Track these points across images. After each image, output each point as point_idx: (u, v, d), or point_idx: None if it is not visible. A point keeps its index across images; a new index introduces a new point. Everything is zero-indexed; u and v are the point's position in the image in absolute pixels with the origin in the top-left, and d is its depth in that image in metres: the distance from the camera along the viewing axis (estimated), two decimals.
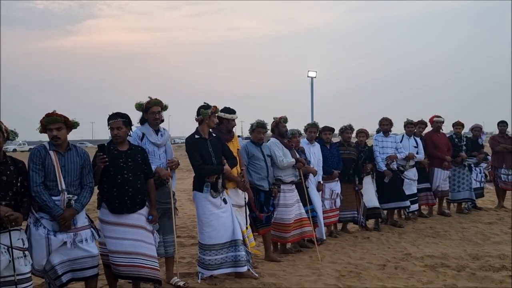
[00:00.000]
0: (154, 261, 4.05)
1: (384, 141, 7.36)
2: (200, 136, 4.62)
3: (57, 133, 3.61)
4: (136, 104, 4.40)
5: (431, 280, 4.54)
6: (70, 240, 3.59)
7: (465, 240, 6.37)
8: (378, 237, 6.60)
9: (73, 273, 3.65)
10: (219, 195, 4.61)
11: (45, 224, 3.54)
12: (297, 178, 5.79)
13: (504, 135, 8.81)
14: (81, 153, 3.78)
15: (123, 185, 3.90)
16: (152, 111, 4.34)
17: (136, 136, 4.33)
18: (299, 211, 5.78)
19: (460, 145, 8.28)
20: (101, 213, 3.99)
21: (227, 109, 4.93)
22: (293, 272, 4.97)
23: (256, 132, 5.40)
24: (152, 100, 4.35)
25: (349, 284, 4.48)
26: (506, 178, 8.61)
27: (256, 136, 5.42)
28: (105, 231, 3.91)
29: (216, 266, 4.56)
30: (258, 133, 5.40)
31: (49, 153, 3.61)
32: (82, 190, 3.73)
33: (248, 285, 4.51)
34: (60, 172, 3.59)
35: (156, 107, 4.35)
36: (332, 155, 6.64)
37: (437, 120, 8.16)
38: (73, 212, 3.60)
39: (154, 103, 4.35)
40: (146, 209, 4.08)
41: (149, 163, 4.15)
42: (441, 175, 8.03)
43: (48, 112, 3.65)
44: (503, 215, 8.08)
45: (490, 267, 4.95)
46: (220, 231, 4.57)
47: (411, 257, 5.43)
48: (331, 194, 6.57)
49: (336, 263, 5.30)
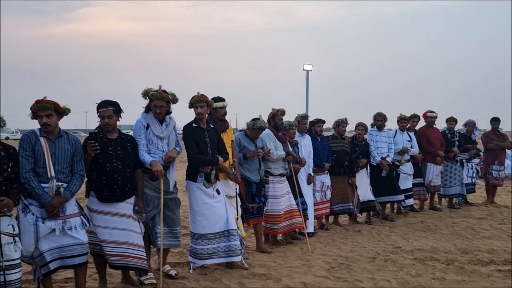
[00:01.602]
0: (142, 251, 4.04)
1: (378, 136, 7.38)
2: (198, 125, 4.60)
3: (47, 120, 3.57)
4: (142, 91, 4.23)
5: (420, 273, 4.58)
6: (59, 228, 3.57)
7: (455, 234, 6.42)
8: (369, 231, 6.64)
9: (61, 260, 3.63)
10: (212, 185, 4.60)
11: (33, 211, 3.52)
12: (287, 171, 5.80)
13: (497, 132, 8.87)
14: (72, 140, 3.74)
15: (112, 174, 3.87)
16: (154, 105, 4.22)
17: (141, 125, 4.22)
18: (289, 203, 5.79)
19: (453, 141, 8.32)
20: (89, 201, 3.96)
21: (215, 97, 4.90)
22: (283, 263, 4.99)
23: (255, 132, 5.38)
24: (156, 93, 4.18)
25: (339, 276, 4.51)
26: (498, 174, 8.69)
27: (253, 135, 5.41)
28: (93, 220, 3.88)
29: (207, 256, 4.56)
30: (256, 133, 5.40)
31: (39, 139, 3.58)
32: (73, 178, 3.70)
33: (238, 275, 4.52)
34: (50, 159, 3.56)
35: (159, 101, 4.18)
36: (323, 147, 6.65)
37: (430, 115, 8.19)
38: (61, 200, 3.57)
39: (157, 97, 4.18)
40: (135, 198, 4.05)
41: (138, 152, 4.10)
42: (433, 170, 8.08)
43: (38, 99, 3.60)
44: (493, 211, 8.15)
45: (478, 261, 5.00)
46: (213, 220, 4.56)
47: (401, 250, 5.47)
48: (322, 187, 6.60)
49: (327, 255, 5.33)
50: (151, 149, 4.25)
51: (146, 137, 4.23)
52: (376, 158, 7.22)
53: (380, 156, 7.23)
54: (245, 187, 5.33)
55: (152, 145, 4.25)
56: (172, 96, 4.30)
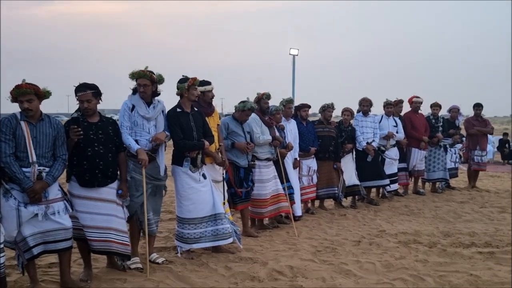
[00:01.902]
0: (125, 236, 4.01)
1: (364, 121, 7.42)
2: (182, 110, 4.53)
3: (28, 105, 3.47)
4: (129, 74, 4.19)
5: (404, 256, 4.65)
6: (42, 212, 3.51)
7: (437, 218, 6.54)
8: (354, 215, 6.71)
9: (45, 245, 3.58)
10: (198, 170, 4.56)
11: (15, 195, 3.44)
12: (273, 155, 5.79)
13: (479, 118, 9.00)
14: (54, 124, 3.65)
15: (93, 158, 3.80)
16: (138, 83, 4.18)
17: (126, 107, 4.18)
18: (276, 187, 5.79)
19: (437, 126, 8.42)
20: (70, 186, 3.88)
21: (201, 81, 4.83)
22: (270, 247, 5.01)
23: (245, 114, 5.33)
24: (137, 71, 4.15)
25: (325, 259, 4.55)
26: (480, 159, 8.84)
27: (243, 117, 5.36)
28: (75, 205, 3.81)
29: (194, 240, 4.55)
30: (246, 115, 5.35)
31: (20, 123, 3.48)
32: (55, 162, 3.62)
33: (225, 259, 4.53)
34: (31, 143, 3.48)
35: (142, 79, 4.14)
36: (308, 132, 6.66)
37: (416, 101, 8.25)
38: (43, 185, 3.50)
39: (139, 75, 4.15)
40: (117, 183, 4.00)
41: (120, 135, 4.04)
42: (417, 155, 8.18)
43: (17, 84, 3.50)
44: (475, 195, 8.32)
45: (460, 243, 5.10)
46: (199, 205, 4.54)
47: (385, 234, 5.55)
48: (308, 171, 6.62)
49: (313, 239, 5.38)
50: (137, 131, 4.19)
51: (130, 119, 4.16)
52: (362, 143, 7.26)
53: (366, 141, 7.28)
54: (233, 172, 5.32)
55: (137, 127, 4.17)
56: (158, 77, 4.24)
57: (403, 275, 4.09)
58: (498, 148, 14.42)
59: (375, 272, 4.20)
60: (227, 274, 4.11)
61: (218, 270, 4.20)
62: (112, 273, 4.09)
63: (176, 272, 4.11)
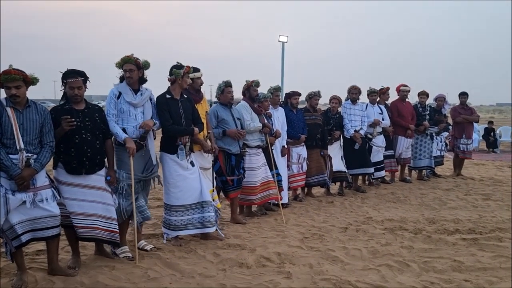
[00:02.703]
0: (113, 223, 4.00)
1: (352, 109, 7.45)
2: (172, 96, 4.51)
3: (16, 92, 3.42)
4: (116, 63, 4.20)
5: (390, 242, 4.74)
6: (30, 200, 3.48)
7: (423, 205, 6.65)
8: (342, 202, 6.79)
9: (33, 232, 3.56)
10: (186, 157, 4.56)
11: (2, 183, 3.41)
12: (263, 143, 5.81)
13: (465, 106, 9.11)
14: (41, 111, 3.60)
15: (81, 146, 3.77)
16: (124, 69, 4.18)
17: (112, 94, 4.18)
18: (266, 174, 5.82)
19: (424, 114, 8.49)
20: (57, 173, 3.85)
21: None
22: (258, 234, 5.06)
23: (226, 92, 5.32)
24: (123, 57, 4.16)
25: (312, 245, 4.61)
26: (465, 147, 8.97)
27: (226, 96, 5.34)
28: (62, 192, 3.78)
29: (181, 227, 4.57)
30: (228, 93, 5.33)
31: (6, 109, 3.43)
32: (42, 149, 3.58)
33: (213, 246, 4.56)
34: (18, 130, 3.43)
35: (128, 64, 4.16)
36: (298, 120, 6.68)
37: (403, 89, 8.31)
38: (31, 172, 3.47)
39: (124, 61, 4.17)
40: (105, 170, 3.98)
41: (107, 122, 4.02)
42: (404, 143, 8.26)
43: (5, 69, 3.44)
44: (460, 182, 8.46)
45: (445, 230, 5.20)
46: (187, 192, 4.55)
47: (372, 221, 5.63)
48: (298, 159, 6.66)
49: (300, 226, 5.43)
50: (123, 118, 4.17)
51: (116, 107, 4.15)
52: (350, 131, 7.31)
53: (354, 129, 7.33)
54: (225, 160, 5.32)
55: (124, 114, 4.16)
56: (144, 63, 4.24)
57: (388, 261, 4.17)
58: (483, 136, 14.63)
59: (361, 258, 4.28)
60: (216, 260, 4.14)
61: (207, 257, 4.23)
62: (100, 260, 4.10)
63: (164, 259, 4.13)
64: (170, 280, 3.69)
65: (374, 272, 3.92)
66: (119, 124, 4.16)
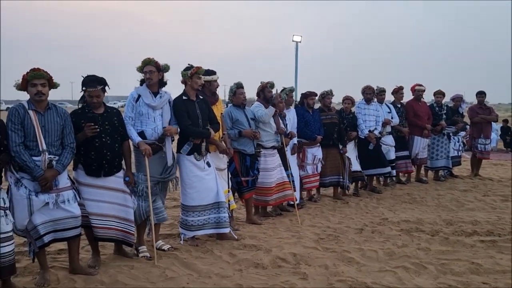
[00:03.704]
0: (130, 225, 4.08)
1: (366, 109, 7.42)
2: (188, 98, 4.58)
3: (42, 89, 3.52)
4: (137, 67, 4.34)
5: (406, 244, 4.71)
6: (52, 201, 3.57)
7: (440, 206, 6.59)
8: (357, 203, 6.77)
9: (55, 233, 3.65)
10: (203, 158, 4.62)
11: (26, 184, 3.50)
12: (279, 143, 5.83)
13: (483, 106, 8.98)
14: (61, 113, 3.70)
15: (101, 149, 3.86)
16: (144, 71, 4.29)
17: (131, 98, 4.30)
18: (281, 175, 5.85)
19: (440, 114, 8.41)
20: (76, 174, 3.95)
21: (206, 71, 4.87)
22: (273, 234, 5.08)
23: (238, 93, 5.37)
24: (144, 59, 4.29)
25: (327, 246, 4.62)
26: (483, 147, 8.85)
27: (238, 98, 5.39)
28: (82, 193, 3.87)
29: (198, 227, 4.63)
30: (240, 94, 5.38)
31: (28, 112, 3.53)
32: (63, 151, 3.67)
33: (229, 246, 4.61)
34: (40, 132, 3.53)
35: (148, 66, 4.28)
36: (314, 120, 6.68)
37: (418, 89, 8.24)
38: (54, 173, 3.56)
39: (145, 63, 4.30)
40: (123, 172, 4.07)
41: (124, 125, 4.11)
42: (420, 143, 8.19)
43: (34, 67, 3.55)
44: (478, 183, 8.35)
45: (462, 232, 5.15)
46: (203, 192, 4.60)
47: (387, 222, 5.61)
48: (313, 159, 6.66)
49: (316, 226, 5.44)
50: (142, 121, 4.26)
51: (134, 110, 4.25)
52: (364, 131, 7.27)
53: (368, 129, 7.29)
54: (240, 161, 5.37)
55: (143, 117, 4.25)
56: (164, 66, 4.36)
57: (405, 263, 4.16)
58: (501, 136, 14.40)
59: (378, 260, 4.27)
60: (232, 261, 4.19)
61: (223, 257, 4.28)
62: (120, 260, 4.19)
63: (181, 259, 4.20)
64: (188, 280, 3.75)
65: (390, 274, 3.91)
66: (138, 127, 4.24)
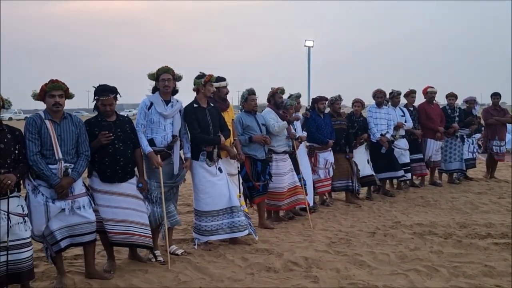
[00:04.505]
0: (147, 229, 4.18)
1: (378, 113, 7.41)
2: (199, 105, 4.67)
3: (59, 100, 3.67)
4: (149, 74, 4.44)
5: (418, 247, 4.70)
6: (68, 207, 3.69)
7: (454, 209, 6.54)
8: (370, 206, 6.76)
9: (71, 238, 3.76)
10: (214, 164, 4.70)
11: (43, 192, 3.62)
12: (290, 148, 5.88)
13: (497, 107, 8.88)
14: (76, 122, 3.83)
15: (114, 155, 3.97)
16: (162, 78, 4.38)
17: (143, 105, 4.39)
18: (293, 180, 5.89)
19: (453, 116, 8.35)
20: (91, 181, 4.06)
21: (216, 77, 4.95)
22: (285, 238, 5.12)
23: (250, 100, 5.45)
24: (162, 67, 4.40)
25: (339, 250, 4.64)
26: (498, 149, 8.74)
27: (250, 104, 5.46)
28: (97, 199, 3.98)
29: (211, 232, 4.70)
30: (251, 101, 5.45)
31: (44, 122, 3.66)
32: (79, 159, 3.79)
33: (241, 250, 4.66)
34: (56, 141, 3.65)
35: (166, 74, 4.39)
36: (326, 125, 6.71)
37: (430, 91, 8.20)
38: (70, 180, 3.68)
39: (163, 70, 4.40)
40: (136, 178, 4.17)
41: (136, 132, 4.22)
42: (433, 146, 8.14)
43: (52, 79, 3.71)
44: (493, 185, 8.24)
45: (476, 235, 5.12)
46: (216, 198, 4.68)
47: (400, 225, 5.60)
48: (325, 164, 6.68)
49: (328, 230, 5.46)
50: (153, 129, 4.35)
51: (145, 117, 4.35)
52: (376, 134, 7.27)
53: (380, 133, 7.28)
54: (251, 166, 5.43)
55: (154, 124, 4.35)
56: (177, 75, 4.49)
57: (417, 266, 4.15)
58: None
59: (389, 263, 4.28)
60: (244, 265, 4.24)
61: (235, 261, 4.34)
62: (134, 265, 4.28)
63: (194, 263, 4.27)
64: (200, 284, 3.81)
65: (402, 277, 3.92)
66: (148, 134, 4.35)
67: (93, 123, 4.04)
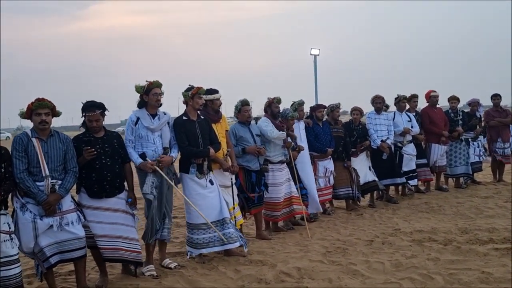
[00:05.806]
0: (135, 243, 4.18)
1: (377, 119, 7.33)
2: (188, 118, 4.69)
3: (45, 118, 3.73)
4: (137, 86, 4.43)
5: (415, 254, 4.61)
6: (57, 224, 3.73)
7: (458, 214, 6.40)
8: (372, 214, 6.67)
9: (61, 254, 3.79)
10: (205, 176, 4.69)
11: (31, 209, 3.67)
12: (286, 157, 5.85)
13: (499, 108, 8.69)
14: (63, 139, 3.89)
15: (101, 170, 4.00)
16: (154, 92, 4.41)
17: (130, 121, 4.43)
18: (289, 190, 5.85)
19: (456, 120, 8.21)
20: (80, 197, 4.10)
21: (208, 90, 4.96)
22: (281, 249, 5.07)
23: (243, 111, 5.44)
24: (155, 81, 4.44)
25: (334, 259, 4.57)
26: (502, 151, 8.54)
27: (243, 115, 5.46)
28: (86, 215, 4.01)
29: (204, 245, 4.68)
30: (245, 111, 5.45)
31: (31, 140, 3.73)
32: (66, 175, 3.84)
33: (235, 262, 4.63)
34: (43, 158, 3.71)
35: (157, 89, 4.43)
36: (324, 133, 6.68)
37: (433, 95, 8.09)
38: (57, 197, 3.72)
39: (157, 85, 4.44)
40: (125, 193, 4.19)
41: (125, 147, 4.25)
42: (438, 151, 8.01)
43: (39, 97, 3.78)
44: (501, 189, 8.05)
45: (477, 240, 4.99)
46: (207, 210, 4.66)
47: (400, 232, 5.49)
48: (325, 172, 6.63)
49: (325, 239, 5.39)
50: (142, 143, 4.38)
51: (133, 133, 4.38)
52: (376, 141, 7.19)
53: (380, 139, 7.20)
54: (245, 177, 5.41)
55: (142, 139, 4.37)
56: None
57: (412, 274, 4.06)
58: None
59: (383, 271, 4.20)
60: (235, 277, 4.21)
61: (227, 273, 4.31)
62: (126, 279, 4.28)
63: (186, 277, 4.25)
64: None
65: (395, 286, 3.84)
66: (138, 149, 4.37)
67: (80, 139, 4.09)
